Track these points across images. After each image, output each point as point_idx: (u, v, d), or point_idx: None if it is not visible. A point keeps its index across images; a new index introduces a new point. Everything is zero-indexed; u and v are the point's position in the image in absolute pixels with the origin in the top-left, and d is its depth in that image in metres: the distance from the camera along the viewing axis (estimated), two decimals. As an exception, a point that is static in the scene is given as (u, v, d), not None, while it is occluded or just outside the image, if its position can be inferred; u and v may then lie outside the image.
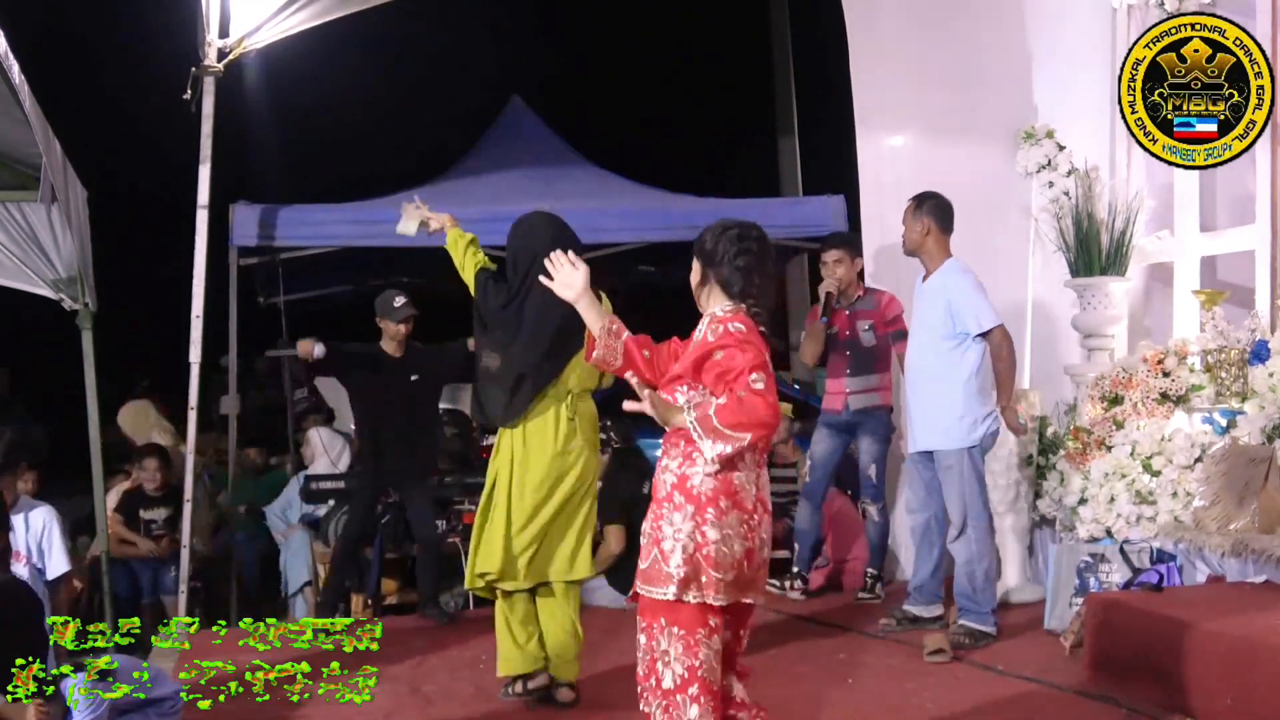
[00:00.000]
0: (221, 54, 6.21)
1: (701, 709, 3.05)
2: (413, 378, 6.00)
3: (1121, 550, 5.04)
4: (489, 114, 9.20)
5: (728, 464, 3.05)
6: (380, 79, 13.82)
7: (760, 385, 3.03)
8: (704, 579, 3.04)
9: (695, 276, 3.27)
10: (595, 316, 3.23)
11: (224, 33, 6.22)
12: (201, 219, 6.13)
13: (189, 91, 6.17)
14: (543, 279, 3.38)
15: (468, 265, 4.63)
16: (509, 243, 4.53)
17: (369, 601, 6.52)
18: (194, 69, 6.18)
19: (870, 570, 6.14)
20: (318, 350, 5.87)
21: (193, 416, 6.22)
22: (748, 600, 3.15)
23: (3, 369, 10.64)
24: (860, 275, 6.17)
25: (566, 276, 3.27)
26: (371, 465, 6.08)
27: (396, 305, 5.98)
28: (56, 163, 6.26)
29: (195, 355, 6.11)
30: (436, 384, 6.19)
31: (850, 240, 6.25)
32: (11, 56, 5.14)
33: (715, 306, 3.20)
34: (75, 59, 11.69)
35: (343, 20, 6.53)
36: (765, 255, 3.21)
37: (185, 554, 6.04)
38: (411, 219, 4.92)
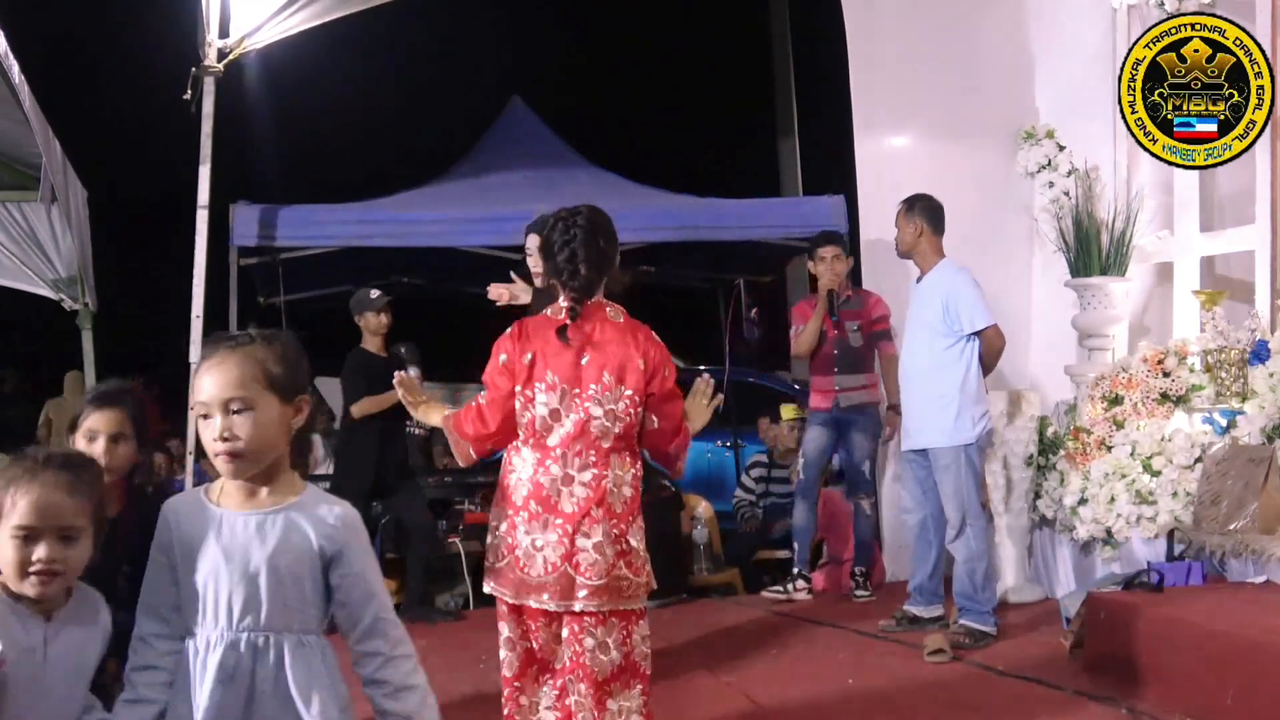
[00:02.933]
0: (221, 54, 6.21)
1: (505, 700, 3.15)
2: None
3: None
4: (489, 114, 9.21)
5: (520, 460, 3.07)
6: (380, 79, 13.85)
7: (481, 400, 3.13)
8: (491, 568, 3.10)
9: (543, 272, 3.32)
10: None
11: (224, 33, 6.23)
12: (201, 219, 6.13)
13: (189, 92, 6.18)
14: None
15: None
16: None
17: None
18: (194, 69, 6.18)
19: (859, 569, 6.16)
20: (412, 371, 5.83)
21: (192, 416, 6.21)
22: (530, 602, 3.03)
23: (11, 369, 10.67)
24: (851, 275, 6.26)
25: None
26: (362, 468, 5.95)
27: (373, 295, 5.96)
28: (56, 163, 6.27)
29: (195, 355, 6.11)
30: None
31: (843, 239, 6.28)
32: (11, 57, 5.15)
33: (552, 306, 3.20)
34: (75, 59, 11.70)
35: (343, 21, 6.53)
36: (591, 240, 3.11)
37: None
38: None
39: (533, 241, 4.55)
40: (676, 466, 3.26)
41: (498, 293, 4.90)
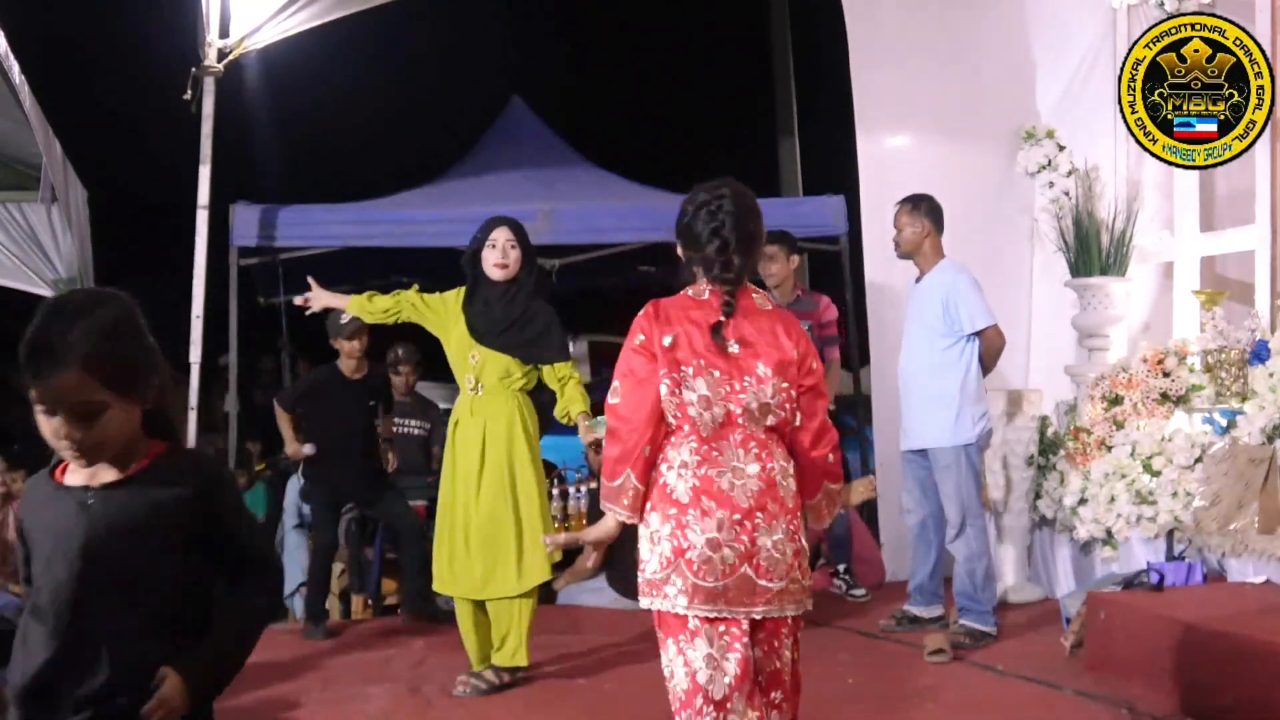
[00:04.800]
0: (221, 54, 6.22)
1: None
2: (370, 403, 5.99)
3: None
4: (489, 114, 9.19)
5: (678, 452, 2.70)
6: (380, 79, 13.82)
7: (613, 399, 2.75)
8: (652, 578, 2.69)
9: (680, 257, 2.93)
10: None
11: (224, 33, 6.23)
12: (201, 219, 6.13)
13: (189, 92, 6.18)
14: None
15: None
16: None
17: (369, 601, 6.52)
18: (194, 69, 6.19)
19: (840, 565, 6.16)
20: (307, 449, 5.94)
21: (193, 416, 6.22)
22: (706, 611, 2.63)
23: (13, 370, 10.68)
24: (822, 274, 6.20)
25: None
26: (327, 484, 5.96)
27: (344, 320, 5.86)
28: (56, 163, 6.27)
29: (195, 355, 6.11)
30: (387, 407, 6.21)
31: (784, 238, 6.20)
32: (11, 57, 5.15)
33: (694, 286, 2.87)
34: (75, 59, 11.69)
35: (343, 20, 6.54)
36: (743, 224, 2.79)
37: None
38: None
39: (502, 234, 4.52)
40: (816, 500, 2.82)
41: (304, 300, 4.86)
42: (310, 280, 4.91)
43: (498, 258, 4.48)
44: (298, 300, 4.86)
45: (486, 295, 4.51)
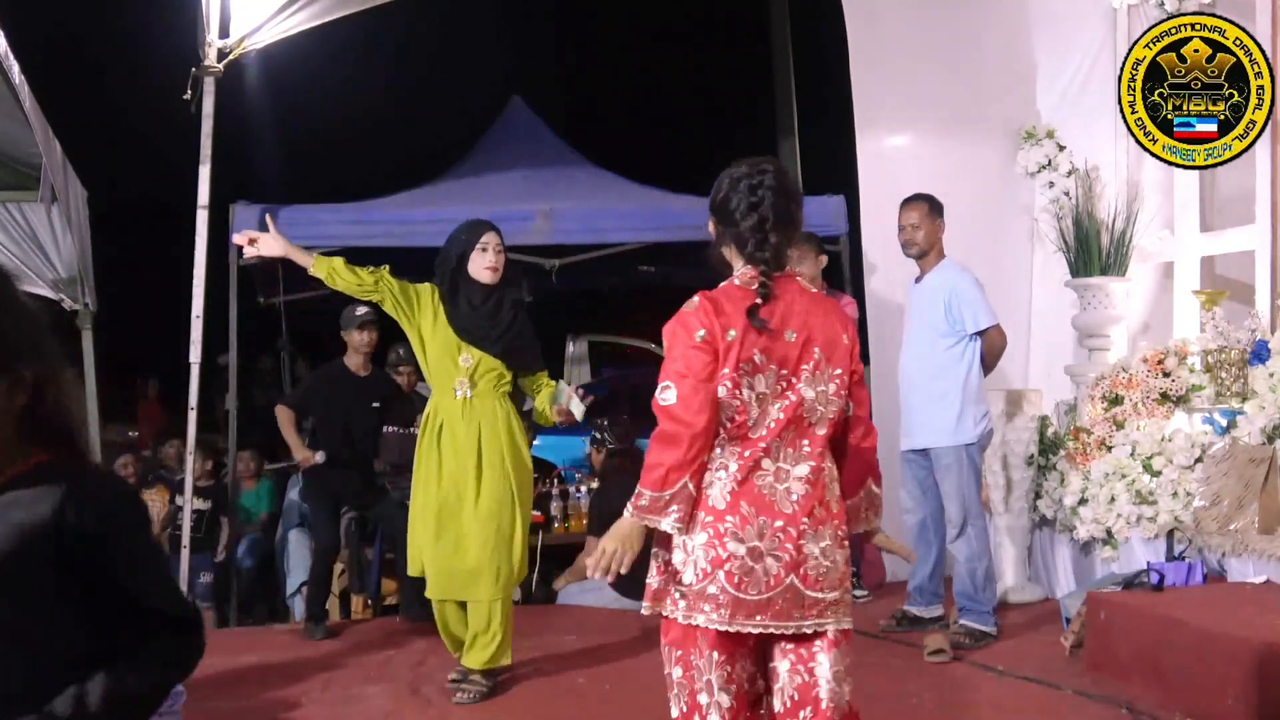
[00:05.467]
0: (221, 54, 6.21)
1: None
2: (374, 404, 5.98)
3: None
4: (489, 114, 9.20)
5: (716, 456, 2.53)
6: (380, 79, 13.85)
7: (668, 399, 2.50)
8: (686, 590, 2.50)
9: (712, 234, 2.76)
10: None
11: (224, 33, 6.22)
12: (201, 219, 6.13)
13: (189, 92, 6.17)
14: None
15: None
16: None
17: (369, 601, 6.52)
18: (194, 69, 6.18)
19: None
20: (319, 457, 5.85)
21: (193, 416, 6.22)
22: (746, 627, 2.45)
23: None
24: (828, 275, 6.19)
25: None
26: (326, 486, 5.97)
27: (359, 312, 5.88)
28: (56, 163, 6.27)
29: (195, 355, 6.11)
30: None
31: (810, 237, 6.18)
32: (12, 57, 5.14)
33: (734, 269, 2.68)
34: (75, 60, 11.70)
35: (343, 20, 6.53)
36: (782, 202, 2.62)
37: (185, 554, 6.03)
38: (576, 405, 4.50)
39: (492, 239, 4.51)
40: (857, 500, 2.71)
41: (243, 240, 4.64)
42: (268, 219, 4.80)
43: (490, 261, 4.47)
44: (237, 238, 4.68)
45: (470, 298, 4.49)
